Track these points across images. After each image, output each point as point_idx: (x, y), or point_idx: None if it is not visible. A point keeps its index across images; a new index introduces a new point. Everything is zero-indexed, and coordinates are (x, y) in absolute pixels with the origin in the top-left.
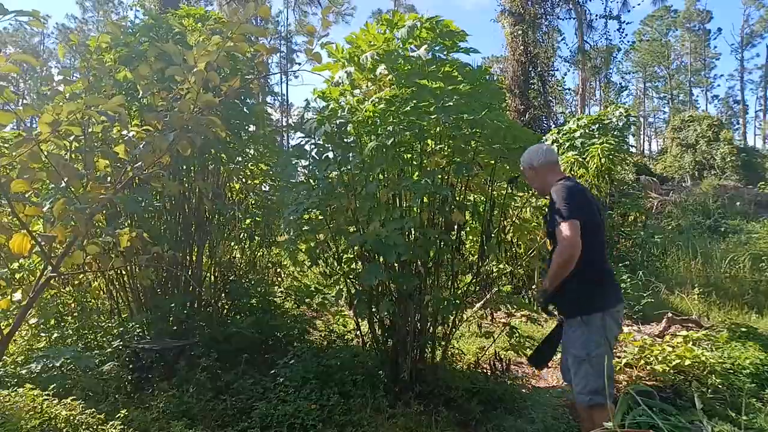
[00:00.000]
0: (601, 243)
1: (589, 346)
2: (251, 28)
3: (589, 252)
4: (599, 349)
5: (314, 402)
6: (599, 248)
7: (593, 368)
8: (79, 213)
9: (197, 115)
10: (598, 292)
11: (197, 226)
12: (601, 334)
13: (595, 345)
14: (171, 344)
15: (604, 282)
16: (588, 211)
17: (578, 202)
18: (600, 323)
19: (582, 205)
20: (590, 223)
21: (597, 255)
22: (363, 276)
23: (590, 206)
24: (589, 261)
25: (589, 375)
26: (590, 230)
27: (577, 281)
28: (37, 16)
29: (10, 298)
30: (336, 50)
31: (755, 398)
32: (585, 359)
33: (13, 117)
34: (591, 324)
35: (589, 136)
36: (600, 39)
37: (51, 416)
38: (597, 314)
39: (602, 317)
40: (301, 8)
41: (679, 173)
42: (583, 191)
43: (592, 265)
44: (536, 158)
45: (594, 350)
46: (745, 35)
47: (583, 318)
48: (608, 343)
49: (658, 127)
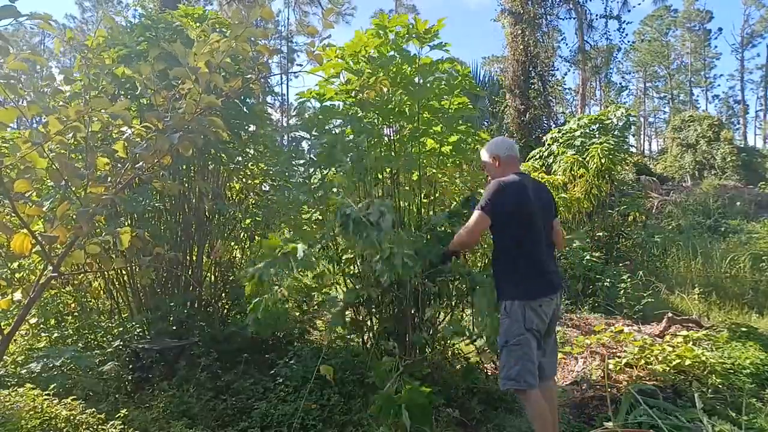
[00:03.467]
0: (530, 236)
1: (507, 333)
2: (255, 32)
3: (514, 246)
4: (518, 338)
5: (314, 402)
6: (527, 241)
7: (510, 355)
8: (80, 213)
9: (199, 116)
10: (518, 282)
11: (197, 226)
12: (521, 324)
13: (514, 334)
14: (171, 344)
15: (524, 273)
16: (518, 208)
17: (501, 198)
18: (520, 312)
19: (503, 204)
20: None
21: (521, 248)
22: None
23: (523, 203)
24: (512, 253)
25: (506, 361)
26: (518, 224)
27: (499, 270)
28: (48, 19)
29: (11, 298)
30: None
31: (755, 398)
32: (504, 346)
33: (17, 114)
34: (512, 312)
35: (590, 136)
36: (600, 39)
37: (51, 416)
38: (515, 302)
39: (522, 306)
40: (301, 8)
41: (679, 173)
42: (516, 188)
43: (513, 258)
44: (503, 150)
45: (512, 339)
46: (745, 35)
47: (505, 305)
48: (530, 333)
49: (658, 127)
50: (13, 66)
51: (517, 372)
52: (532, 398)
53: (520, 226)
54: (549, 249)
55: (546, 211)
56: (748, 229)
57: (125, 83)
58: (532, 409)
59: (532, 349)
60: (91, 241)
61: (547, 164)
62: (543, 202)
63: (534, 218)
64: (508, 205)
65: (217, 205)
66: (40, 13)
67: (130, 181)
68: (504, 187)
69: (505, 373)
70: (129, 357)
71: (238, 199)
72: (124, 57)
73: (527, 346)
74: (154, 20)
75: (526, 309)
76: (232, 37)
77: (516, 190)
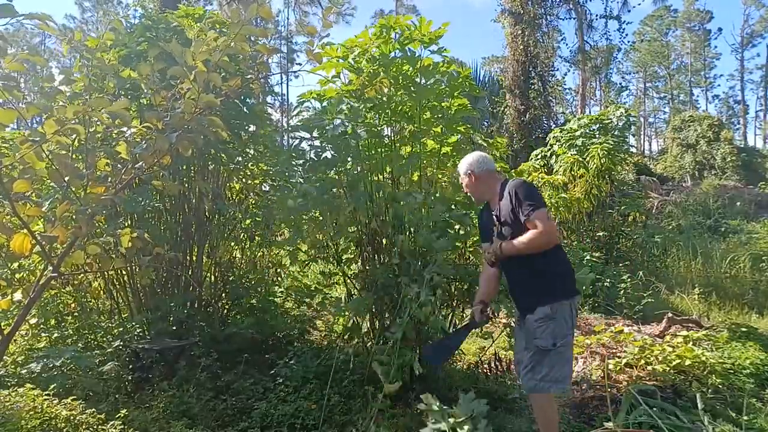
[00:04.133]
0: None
1: (555, 335)
2: (253, 30)
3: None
4: (564, 339)
5: (314, 402)
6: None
7: (559, 357)
8: (80, 213)
9: (198, 116)
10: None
11: (197, 227)
12: (568, 324)
13: (563, 335)
14: (171, 344)
15: (568, 272)
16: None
17: (540, 194)
18: (567, 311)
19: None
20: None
21: (558, 250)
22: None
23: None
24: (557, 253)
25: (553, 363)
26: None
27: (538, 270)
28: (46, 19)
29: (11, 298)
30: (331, 50)
31: (756, 398)
32: (551, 349)
33: (16, 115)
34: (558, 313)
35: (590, 136)
36: (600, 39)
37: (51, 416)
38: (563, 301)
39: (569, 305)
40: (301, 8)
41: (679, 173)
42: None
43: (557, 257)
44: (477, 166)
45: (560, 340)
46: (745, 35)
47: (550, 306)
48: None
49: (658, 127)
50: (12, 67)
51: (565, 374)
52: (551, 402)
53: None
54: None
55: None
56: (748, 229)
57: (125, 83)
58: (550, 408)
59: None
60: (91, 242)
61: (549, 164)
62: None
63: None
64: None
65: (217, 206)
66: (39, 13)
67: (130, 181)
68: (531, 185)
69: (552, 375)
70: (129, 357)
71: (238, 199)
72: (125, 57)
73: (571, 347)
74: (154, 21)
75: (572, 308)
76: (231, 35)
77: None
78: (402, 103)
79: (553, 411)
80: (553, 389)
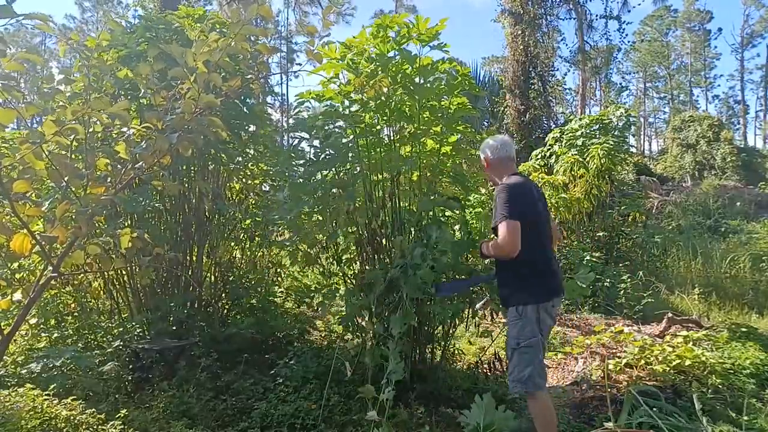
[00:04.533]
0: (539, 238)
1: (520, 336)
2: (253, 30)
3: (527, 249)
4: (530, 341)
5: (314, 402)
6: (537, 244)
7: (521, 358)
8: (80, 213)
9: (198, 116)
10: (534, 284)
11: (197, 226)
12: (534, 326)
13: (527, 336)
14: (171, 344)
15: (538, 276)
16: (529, 211)
17: (519, 203)
18: (534, 314)
19: (523, 206)
20: (530, 222)
21: (533, 251)
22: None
23: (531, 205)
24: (525, 257)
25: (516, 364)
26: (529, 227)
27: (511, 273)
28: (45, 19)
29: (11, 298)
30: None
31: (756, 398)
32: (515, 349)
33: (15, 115)
34: (525, 315)
35: (590, 136)
36: (600, 39)
37: (51, 416)
38: (530, 305)
39: (536, 308)
40: (301, 8)
41: (679, 173)
42: (524, 191)
43: (525, 261)
44: (492, 152)
45: (524, 341)
46: (745, 35)
47: (518, 308)
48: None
49: (658, 127)
50: (10, 67)
51: (528, 375)
52: (540, 399)
53: (532, 228)
54: (552, 248)
55: (546, 210)
56: (748, 230)
57: (125, 83)
58: (540, 409)
59: (542, 352)
60: (91, 242)
61: (549, 164)
62: (543, 202)
63: (541, 218)
64: (521, 205)
65: (217, 206)
66: (38, 13)
67: (130, 181)
68: (512, 191)
69: (515, 375)
70: (129, 357)
71: (238, 199)
72: (124, 58)
73: (538, 348)
74: (154, 21)
75: (541, 311)
76: (231, 35)
77: (523, 191)
78: (401, 103)
79: (545, 407)
80: (516, 389)
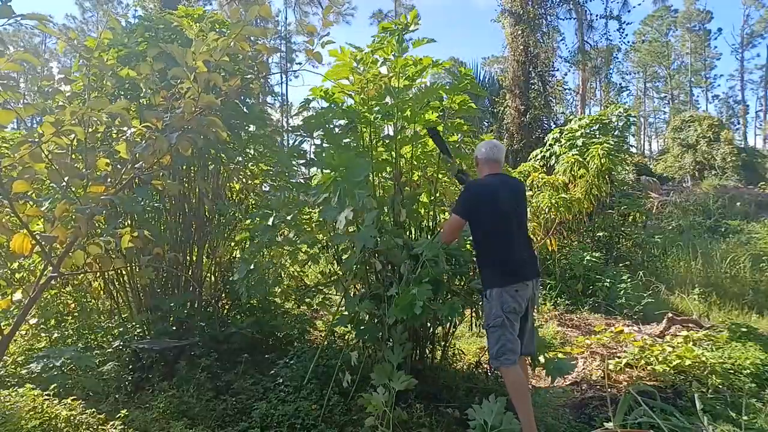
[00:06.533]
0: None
1: (488, 317)
2: (253, 30)
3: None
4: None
5: (314, 402)
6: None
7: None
8: (79, 213)
9: (198, 116)
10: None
11: (197, 227)
12: (499, 308)
13: (493, 316)
14: (171, 344)
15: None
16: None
17: (471, 201)
18: (497, 297)
19: (475, 204)
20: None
21: (497, 242)
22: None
23: (489, 203)
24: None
25: (488, 342)
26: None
27: (480, 261)
28: (43, 19)
29: (11, 298)
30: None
31: (756, 398)
32: (487, 329)
33: (14, 115)
34: (491, 298)
35: (590, 136)
36: (600, 39)
37: (51, 416)
38: (494, 289)
39: (500, 292)
40: (301, 8)
41: (679, 173)
42: (484, 191)
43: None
44: (480, 152)
45: (491, 321)
46: (745, 35)
47: (486, 292)
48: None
49: (658, 127)
50: (8, 67)
51: (496, 351)
52: (509, 373)
53: (492, 222)
54: (523, 238)
55: (519, 203)
56: (748, 230)
57: (125, 83)
58: (512, 382)
59: (510, 331)
60: (91, 242)
61: (549, 164)
62: (518, 200)
63: (505, 213)
64: (477, 204)
65: (217, 206)
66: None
67: (130, 181)
68: (471, 191)
69: (491, 353)
70: (129, 357)
71: (238, 199)
72: (124, 57)
73: (504, 327)
74: (154, 21)
75: (504, 294)
76: (231, 35)
77: (484, 190)
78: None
79: (514, 376)
80: (494, 364)
